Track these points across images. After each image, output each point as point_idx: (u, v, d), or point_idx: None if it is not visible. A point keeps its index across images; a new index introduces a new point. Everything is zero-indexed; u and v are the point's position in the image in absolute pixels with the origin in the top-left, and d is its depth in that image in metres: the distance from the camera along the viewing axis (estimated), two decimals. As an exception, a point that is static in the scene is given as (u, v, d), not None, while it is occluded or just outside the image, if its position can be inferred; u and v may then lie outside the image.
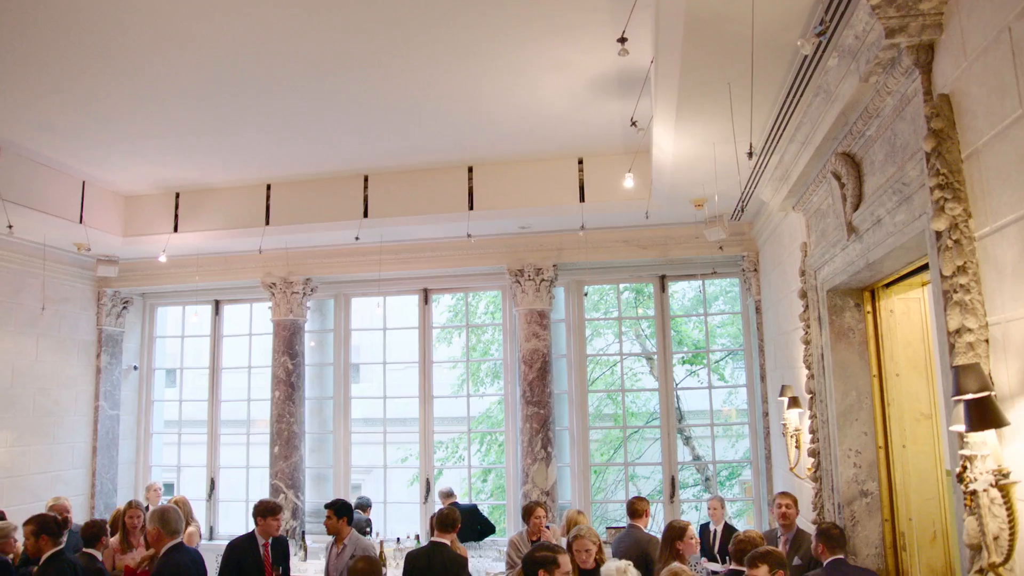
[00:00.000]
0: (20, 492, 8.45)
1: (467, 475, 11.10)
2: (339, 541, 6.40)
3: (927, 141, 3.30)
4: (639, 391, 15.16)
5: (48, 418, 9.12)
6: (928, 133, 3.30)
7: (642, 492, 8.51)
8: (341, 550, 6.35)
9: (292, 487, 9.11)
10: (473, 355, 15.03)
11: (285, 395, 9.24)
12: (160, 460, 10.71)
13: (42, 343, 9.09)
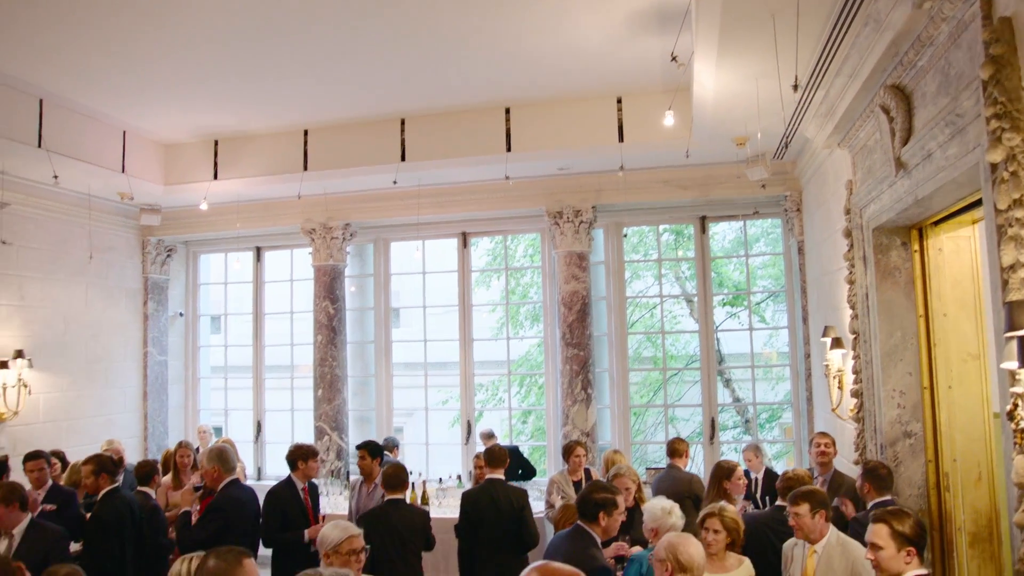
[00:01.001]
0: (78, 434, 8.76)
1: (507, 417, 11.22)
2: (369, 480, 6.56)
3: (984, 68, 3.15)
4: (679, 333, 15.08)
5: (100, 364, 9.39)
6: (986, 59, 3.15)
7: (681, 434, 8.53)
8: (372, 489, 6.51)
9: (336, 429, 9.31)
10: (512, 298, 15.06)
11: (327, 339, 9.38)
12: (208, 404, 11.00)
13: (91, 291, 9.31)
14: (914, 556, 3.48)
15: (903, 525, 3.48)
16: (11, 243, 8.14)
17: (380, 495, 6.26)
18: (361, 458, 6.57)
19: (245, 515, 5.54)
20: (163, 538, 6.07)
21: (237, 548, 2.87)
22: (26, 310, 8.41)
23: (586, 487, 4.60)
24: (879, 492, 4.97)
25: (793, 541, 4.70)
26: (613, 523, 4.22)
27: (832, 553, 4.40)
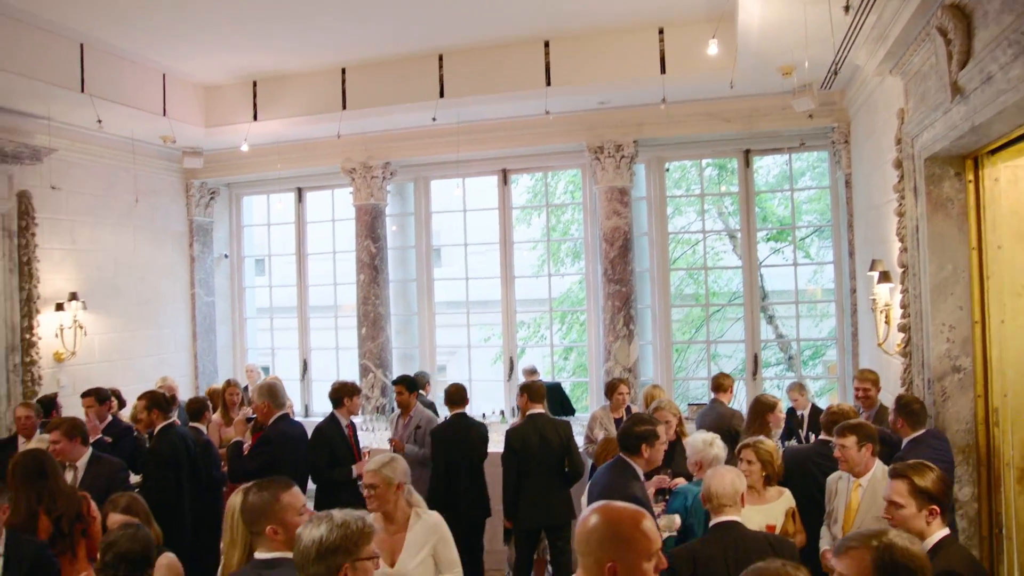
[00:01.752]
0: (132, 373, 9.04)
1: (549, 354, 11.28)
2: (406, 413, 6.79)
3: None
4: (722, 268, 14.88)
5: (150, 305, 9.62)
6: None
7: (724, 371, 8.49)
8: (408, 421, 6.75)
9: (380, 366, 9.46)
10: (553, 235, 14.98)
11: (369, 278, 9.47)
12: (255, 344, 11.24)
13: (139, 234, 9.48)
14: (936, 516, 3.20)
15: (924, 480, 3.22)
16: (61, 188, 8.29)
17: (415, 427, 6.46)
18: (399, 393, 6.78)
19: (294, 449, 5.70)
20: (216, 472, 6.27)
21: (280, 478, 2.94)
22: (78, 254, 8.62)
23: (628, 420, 4.62)
24: (913, 427, 4.92)
25: (838, 474, 4.69)
26: (656, 454, 4.23)
27: (877, 487, 4.38)
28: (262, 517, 2.75)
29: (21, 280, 7.78)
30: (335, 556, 2.28)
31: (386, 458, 3.81)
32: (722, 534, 3.49)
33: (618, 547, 2.08)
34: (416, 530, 3.74)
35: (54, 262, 8.27)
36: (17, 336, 7.72)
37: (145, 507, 3.80)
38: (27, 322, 7.80)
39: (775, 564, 1.78)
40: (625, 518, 2.14)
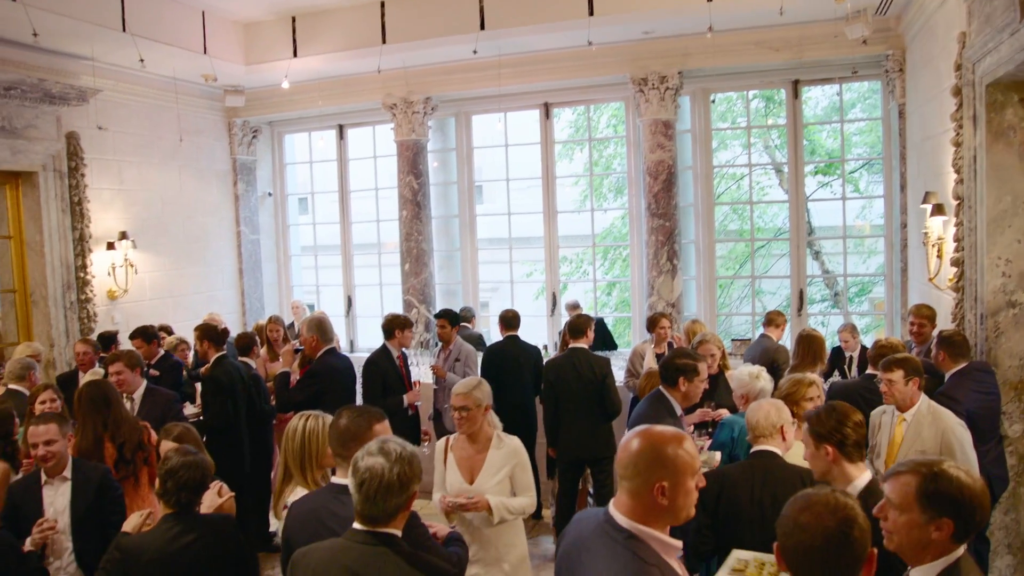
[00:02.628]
0: (182, 310, 9.25)
1: (592, 289, 11.27)
2: (446, 347, 6.91)
3: None
4: (768, 203, 14.60)
5: (197, 243, 9.78)
6: None
7: (767, 307, 8.42)
8: (448, 354, 6.87)
9: (423, 302, 9.55)
10: (595, 170, 14.80)
11: (412, 214, 9.49)
12: (300, 281, 11.41)
13: (183, 173, 9.59)
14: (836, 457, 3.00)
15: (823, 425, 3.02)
16: (107, 129, 8.38)
17: (454, 359, 6.58)
18: (441, 327, 6.89)
19: (341, 382, 5.82)
20: (266, 405, 6.45)
21: (375, 410, 3.00)
22: (126, 193, 8.76)
23: (670, 353, 4.62)
24: (954, 360, 4.84)
25: (882, 409, 4.65)
26: (693, 389, 4.20)
27: (922, 421, 4.35)
28: (353, 441, 2.80)
29: (73, 220, 7.95)
30: (412, 485, 2.38)
31: (474, 381, 3.95)
32: (755, 461, 3.52)
33: (665, 467, 2.13)
34: (497, 452, 3.91)
35: (103, 202, 8.43)
36: (72, 275, 7.93)
37: (196, 437, 3.93)
38: (80, 261, 8.00)
39: (825, 491, 1.78)
40: (669, 439, 2.18)
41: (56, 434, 3.77)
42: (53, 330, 7.75)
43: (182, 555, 3.09)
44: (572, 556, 2.29)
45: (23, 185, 7.65)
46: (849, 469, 2.98)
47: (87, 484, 3.82)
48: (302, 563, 2.45)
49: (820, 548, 1.66)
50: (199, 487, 3.21)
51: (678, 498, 2.13)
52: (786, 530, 1.72)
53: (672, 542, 2.17)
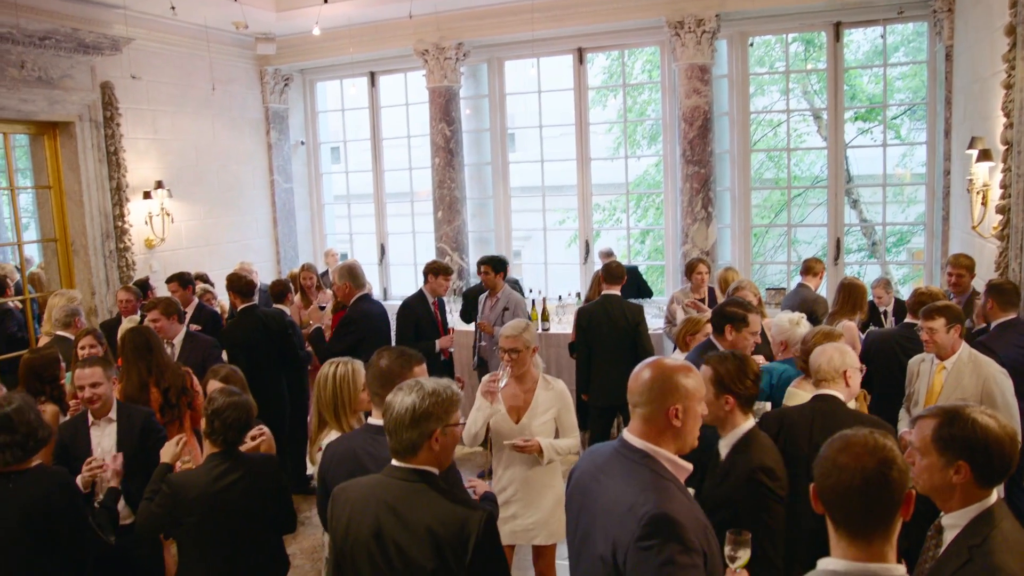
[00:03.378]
0: (218, 258, 9.36)
1: (625, 236, 11.21)
2: (493, 294, 6.76)
3: None
4: (806, 150, 14.29)
5: (231, 192, 9.85)
6: None
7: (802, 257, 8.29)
8: (495, 302, 6.72)
9: (456, 250, 9.57)
10: (629, 116, 14.59)
11: (445, 161, 9.45)
12: (333, 230, 11.47)
13: (217, 122, 9.62)
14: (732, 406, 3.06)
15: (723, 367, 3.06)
16: (140, 78, 8.40)
17: (502, 308, 6.53)
18: (485, 273, 6.73)
19: (377, 327, 5.86)
20: (301, 351, 6.54)
21: (412, 352, 3.04)
22: (160, 143, 8.81)
23: (724, 300, 4.58)
24: (1003, 310, 4.75)
25: (920, 357, 4.60)
26: (740, 340, 4.12)
27: (963, 369, 4.30)
28: (394, 381, 2.80)
29: (110, 169, 8.03)
30: (428, 422, 2.37)
31: (522, 324, 4.03)
32: (816, 404, 3.49)
33: (678, 392, 2.26)
34: (544, 393, 4.00)
35: (139, 151, 8.49)
36: (111, 224, 8.04)
37: (242, 379, 4.03)
38: (118, 210, 8.10)
39: (863, 431, 1.76)
40: (678, 369, 2.32)
41: (101, 377, 3.87)
42: (94, 278, 7.90)
43: (227, 493, 3.18)
44: (586, 482, 2.36)
45: (61, 135, 7.73)
46: (739, 418, 3.08)
47: (131, 426, 3.94)
48: (341, 498, 2.51)
49: (859, 489, 1.65)
50: (243, 427, 3.30)
51: (688, 422, 2.27)
52: (824, 471, 1.72)
53: (683, 464, 2.30)
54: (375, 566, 2.36)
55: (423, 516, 2.32)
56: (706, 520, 2.20)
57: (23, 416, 3.21)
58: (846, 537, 1.66)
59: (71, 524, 3.28)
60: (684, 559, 2.01)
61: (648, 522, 2.03)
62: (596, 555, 2.21)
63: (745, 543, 2.48)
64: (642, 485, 2.15)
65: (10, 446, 3.17)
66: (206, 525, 3.21)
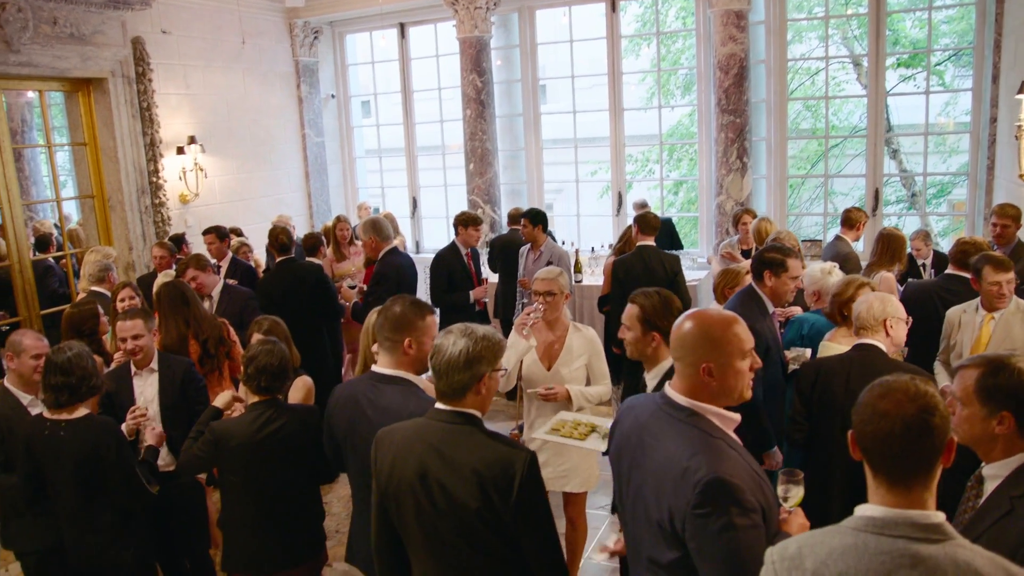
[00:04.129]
0: (251, 213, 9.43)
1: (658, 187, 11.07)
2: (535, 247, 6.70)
3: None
4: (844, 98, 13.91)
5: (263, 146, 9.87)
6: None
7: (839, 208, 8.12)
8: (538, 256, 6.66)
9: (488, 202, 9.53)
10: (663, 65, 14.30)
11: (476, 113, 9.37)
12: (365, 183, 11.48)
13: (247, 77, 9.60)
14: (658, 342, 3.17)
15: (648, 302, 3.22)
16: (171, 33, 8.40)
17: (545, 262, 6.49)
18: (524, 227, 6.68)
19: (408, 280, 5.89)
20: (335, 304, 6.58)
21: (422, 301, 3.04)
22: (192, 98, 8.83)
23: (762, 247, 4.50)
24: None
25: (961, 308, 4.52)
26: (780, 285, 4.05)
27: (1011, 320, 4.23)
28: (405, 328, 2.86)
29: (144, 125, 8.08)
30: (479, 365, 2.39)
31: (556, 270, 4.05)
32: (854, 354, 3.45)
33: (712, 348, 2.15)
34: (575, 340, 4.00)
35: (171, 107, 8.52)
36: (145, 179, 8.11)
37: (285, 331, 4.08)
38: (152, 166, 8.17)
39: (903, 377, 1.73)
40: (717, 322, 2.20)
41: (142, 328, 3.94)
42: (131, 234, 8.00)
43: (267, 441, 3.24)
44: (632, 441, 2.31)
45: (94, 92, 7.77)
46: (663, 352, 3.16)
47: (172, 375, 4.02)
48: (386, 441, 2.54)
49: (899, 435, 1.62)
50: (277, 374, 3.32)
51: (727, 379, 2.15)
52: (863, 417, 1.68)
53: (730, 415, 2.21)
54: (419, 507, 2.39)
55: (469, 457, 2.34)
56: (758, 470, 2.14)
57: (81, 362, 3.37)
58: (885, 484, 1.64)
59: (121, 471, 3.40)
60: (743, 521, 1.97)
61: (703, 489, 1.99)
62: (652, 520, 2.19)
63: (797, 482, 2.43)
64: (692, 448, 2.08)
65: (64, 388, 3.33)
66: (247, 473, 3.29)
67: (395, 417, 2.71)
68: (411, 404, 2.78)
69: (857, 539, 1.62)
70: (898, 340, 3.53)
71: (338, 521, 5.51)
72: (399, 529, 2.49)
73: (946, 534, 1.59)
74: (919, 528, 1.59)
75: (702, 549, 2.03)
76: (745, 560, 1.96)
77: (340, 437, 3.01)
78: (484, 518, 2.31)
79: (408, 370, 2.91)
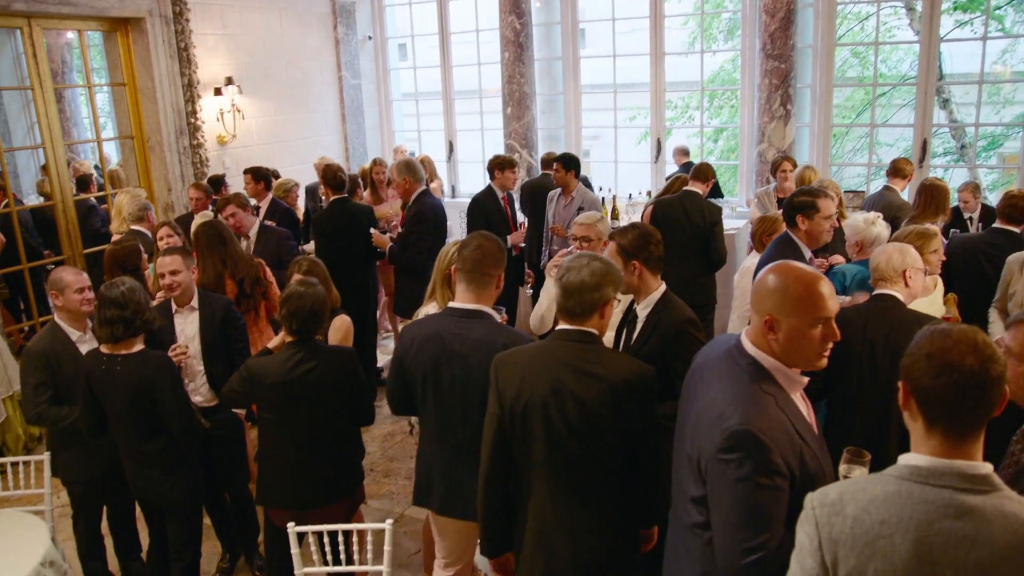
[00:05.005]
0: (288, 155, 9.44)
1: (697, 135, 10.87)
2: (567, 193, 6.63)
3: None
4: (895, 44, 13.46)
5: (300, 88, 9.82)
6: None
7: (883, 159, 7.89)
8: (569, 201, 6.61)
9: (525, 147, 9.43)
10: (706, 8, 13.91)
11: (514, 56, 9.21)
12: (401, 127, 11.41)
13: (284, 17, 9.51)
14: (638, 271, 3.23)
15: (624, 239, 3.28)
16: (207, -29, 8.34)
17: (576, 208, 6.43)
18: (556, 171, 6.59)
19: (444, 219, 5.88)
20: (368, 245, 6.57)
21: (494, 236, 3.06)
22: (229, 39, 8.78)
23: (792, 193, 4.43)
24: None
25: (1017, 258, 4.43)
26: (815, 227, 4.03)
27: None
28: (500, 263, 2.95)
29: (181, 66, 8.06)
30: (607, 288, 2.55)
31: (596, 215, 4.07)
32: (871, 304, 3.40)
33: (781, 303, 2.06)
34: None
35: (208, 48, 8.48)
36: (184, 120, 8.13)
37: (324, 272, 4.10)
38: (191, 107, 8.17)
39: (960, 327, 1.67)
40: (798, 277, 2.08)
41: (180, 265, 3.98)
42: (169, 175, 8.06)
43: (300, 381, 3.27)
44: (695, 376, 2.32)
45: (132, 32, 7.76)
46: (652, 282, 3.25)
47: (212, 313, 4.07)
48: (508, 362, 2.62)
49: (965, 388, 1.56)
50: (309, 317, 3.32)
51: (791, 339, 2.05)
52: (924, 369, 1.61)
53: (797, 377, 2.14)
54: (550, 422, 2.50)
55: (603, 371, 2.47)
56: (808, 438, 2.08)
57: (134, 296, 3.45)
58: (939, 435, 1.59)
59: (175, 406, 3.48)
60: (763, 480, 1.94)
61: (730, 436, 1.97)
62: (686, 453, 2.21)
63: (862, 462, 2.34)
64: (735, 395, 2.05)
65: (119, 321, 3.40)
66: (280, 412, 3.34)
67: (489, 349, 2.79)
68: (503, 336, 2.88)
69: (901, 487, 1.60)
70: (916, 291, 3.46)
71: (372, 460, 5.61)
72: (519, 450, 2.61)
73: (993, 485, 1.56)
74: (966, 479, 1.56)
75: (715, 494, 2.05)
76: (752, 518, 1.95)
77: (419, 376, 3.01)
78: (616, 428, 2.47)
79: (488, 304, 2.98)
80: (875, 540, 1.57)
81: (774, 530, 1.95)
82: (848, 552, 1.59)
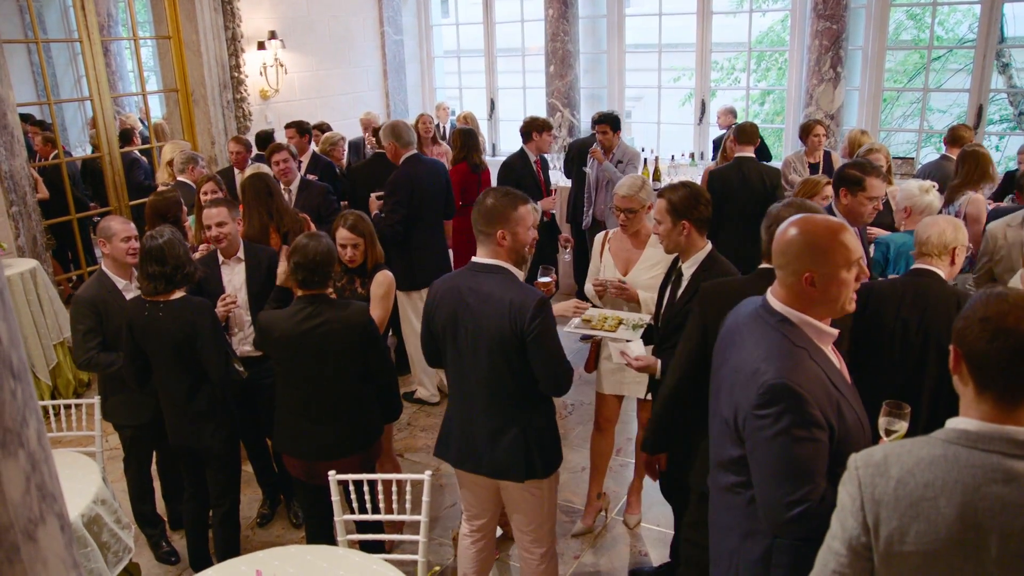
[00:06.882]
0: (330, 110, 9.44)
1: (743, 97, 10.66)
2: (608, 152, 6.53)
3: None
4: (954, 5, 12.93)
5: (342, 43, 9.78)
6: None
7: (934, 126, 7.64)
8: (611, 157, 6.51)
9: (567, 106, 9.33)
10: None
11: (559, 13, 9.08)
12: (443, 84, 11.34)
13: (326, -31, 9.46)
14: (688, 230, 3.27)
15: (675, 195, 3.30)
16: (248, -78, 8.29)
17: (616, 161, 6.36)
18: (602, 132, 6.46)
19: (422, 188, 5.40)
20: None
21: (516, 191, 3.01)
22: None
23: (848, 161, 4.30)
24: None
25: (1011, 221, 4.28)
26: (856, 205, 3.82)
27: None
28: (497, 220, 2.89)
29: (225, 19, 8.08)
30: None
31: (639, 181, 3.88)
32: (910, 278, 3.23)
33: (815, 257, 2.06)
34: (654, 248, 3.85)
35: (252, 2, 8.47)
36: (227, 74, 8.17)
37: (369, 227, 3.95)
38: (234, 60, 8.21)
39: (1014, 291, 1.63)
40: (822, 229, 2.08)
41: (226, 217, 4.01)
42: (213, 128, 8.12)
43: (307, 336, 3.25)
44: (726, 339, 2.31)
45: (178, -16, 7.79)
46: (699, 242, 3.30)
47: (258, 265, 4.11)
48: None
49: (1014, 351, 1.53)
50: (314, 270, 3.26)
51: (830, 288, 2.06)
52: (977, 333, 1.57)
53: (827, 329, 2.14)
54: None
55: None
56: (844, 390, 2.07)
57: (173, 250, 3.47)
58: (990, 400, 1.57)
59: (216, 351, 3.53)
60: (800, 432, 1.94)
61: (766, 391, 1.97)
62: (721, 416, 2.21)
63: (903, 416, 2.30)
64: (769, 351, 2.05)
65: (160, 277, 3.45)
66: (289, 364, 3.36)
67: (496, 303, 2.82)
68: (511, 291, 2.85)
69: (947, 451, 1.58)
70: (958, 270, 3.32)
71: (409, 414, 5.67)
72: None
73: (1043, 452, 1.54)
74: (1016, 444, 1.54)
75: (755, 450, 2.05)
76: (793, 471, 1.96)
77: (440, 329, 3.02)
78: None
79: (506, 260, 2.94)
80: (919, 502, 1.56)
81: (816, 482, 1.96)
82: (891, 513, 1.58)
